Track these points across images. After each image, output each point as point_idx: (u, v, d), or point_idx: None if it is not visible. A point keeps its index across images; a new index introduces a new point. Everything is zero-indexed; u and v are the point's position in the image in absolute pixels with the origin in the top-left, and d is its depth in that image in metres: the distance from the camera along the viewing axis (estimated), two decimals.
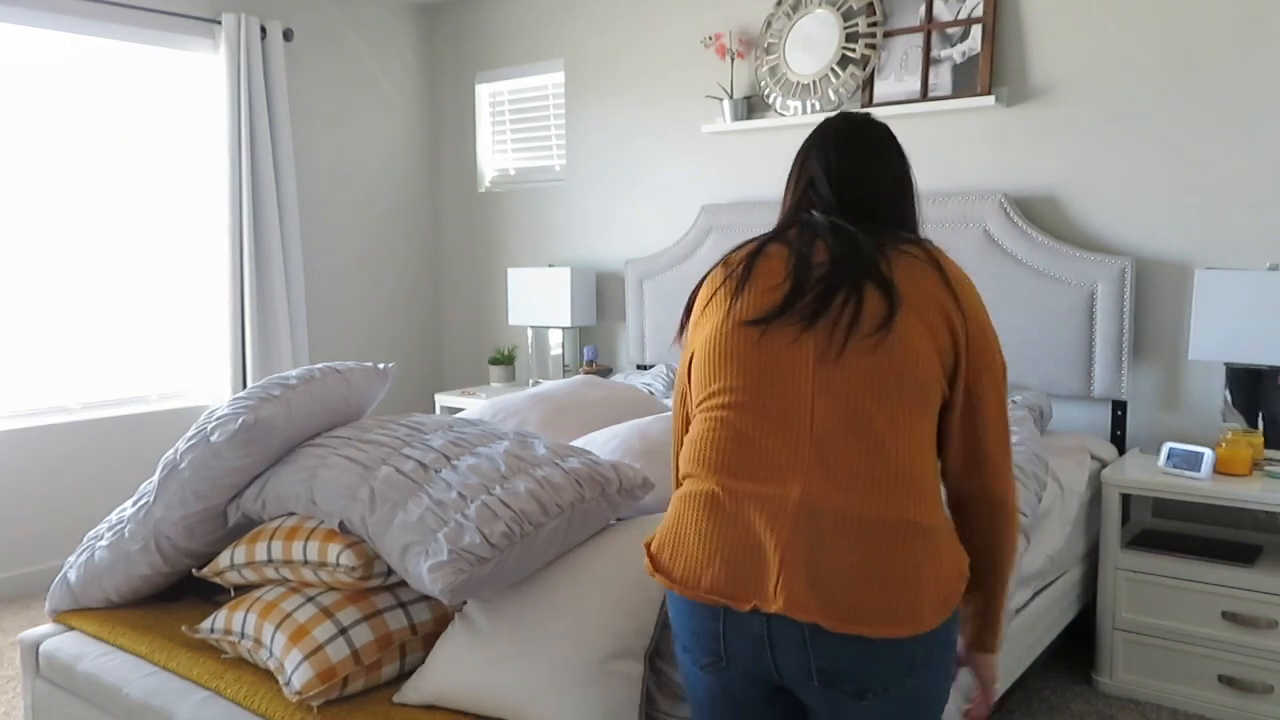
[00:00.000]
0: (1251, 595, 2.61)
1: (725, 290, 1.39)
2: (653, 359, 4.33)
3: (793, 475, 1.27)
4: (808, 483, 1.26)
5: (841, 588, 1.22)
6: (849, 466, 1.25)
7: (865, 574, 1.22)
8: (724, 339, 1.35)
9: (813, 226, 1.40)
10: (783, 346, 1.31)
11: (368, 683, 1.71)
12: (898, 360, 1.28)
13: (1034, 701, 2.79)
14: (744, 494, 1.28)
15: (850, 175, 1.46)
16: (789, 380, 1.30)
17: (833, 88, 3.71)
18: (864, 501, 1.24)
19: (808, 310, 1.31)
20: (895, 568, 1.23)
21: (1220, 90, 3.04)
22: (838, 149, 1.48)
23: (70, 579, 2.15)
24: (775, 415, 1.30)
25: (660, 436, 2.35)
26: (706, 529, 1.30)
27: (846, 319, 1.29)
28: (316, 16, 4.68)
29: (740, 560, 1.26)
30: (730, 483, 1.30)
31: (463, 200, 5.19)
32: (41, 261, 3.88)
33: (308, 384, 1.99)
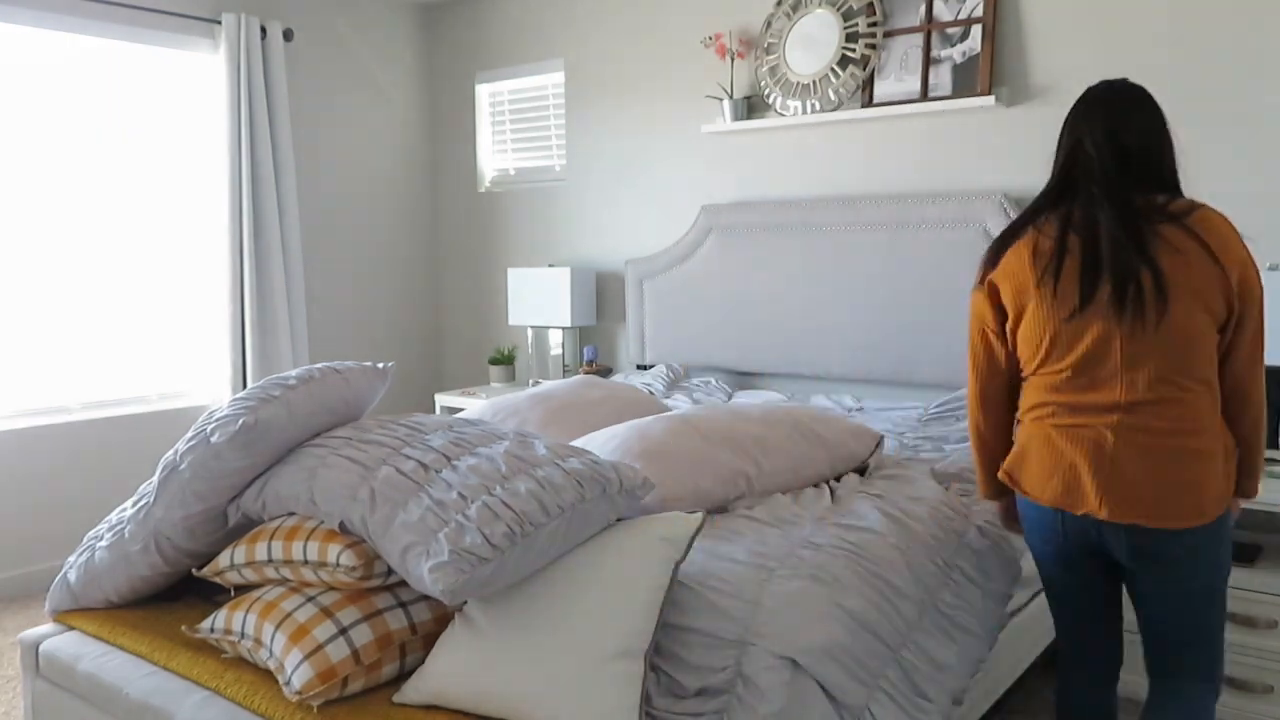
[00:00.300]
0: (1251, 595, 2.61)
1: (1039, 275, 1.81)
2: (653, 359, 4.33)
3: (1108, 419, 1.77)
4: (1119, 425, 1.76)
5: (1149, 499, 1.74)
6: (1150, 412, 1.74)
7: (1165, 489, 1.73)
8: (1049, 326, 1.81)
9: (1091, 205, 1.79)
10: (1093, 328, 1.77)
11: (368, 683, 1.71)
12: (1179, 332, 1.73)
13: (1034, 701, 2.79)
14: (1073, 432, 1.80)
15: (1118, 128, 1.81)
16: (1102, 351, 1.77)
17: (833, 88, 3.71)
18: (1162, 439, 1.73)
19: (1106, 302, 1.75)
20: (1186, 484, 1.73)
21: (1220, 90, 3.04)
22: (1106, 108, 1.83)
23: (70, 579, 2.15)
24: (1093, 376, 1.78)
25: (660, 436, 2.36)
26: (1045, 457, 1.84)
27: (1132, 307, 1.73)
28: (316, 16, 4.68)
29: (1072, 481, 1.80)
30: (1062, 423, 1.82)
31: (463, 200, 5.19)
32: (42, 261, 3.88)
33: (307, 384, 1.99)
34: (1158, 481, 1.73)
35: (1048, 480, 1.83)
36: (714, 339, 4.10)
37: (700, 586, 1.79)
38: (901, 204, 3.58)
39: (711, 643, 1.67)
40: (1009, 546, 2.36)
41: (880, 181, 3.75)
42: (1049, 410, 1.84)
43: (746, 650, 1.64)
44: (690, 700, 1.62)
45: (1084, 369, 1.78)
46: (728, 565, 1.89)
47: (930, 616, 1.98)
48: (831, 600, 1.79)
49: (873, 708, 1.72)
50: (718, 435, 2.40)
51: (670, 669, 1.65)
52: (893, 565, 1.97)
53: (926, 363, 3.54)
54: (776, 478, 2.40)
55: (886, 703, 1.75)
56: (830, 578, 1.86)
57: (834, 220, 3.75)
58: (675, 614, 1.73)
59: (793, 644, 1.65)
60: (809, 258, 3.80)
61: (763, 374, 4.06)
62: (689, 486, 2.25)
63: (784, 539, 2.04)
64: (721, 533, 2.11)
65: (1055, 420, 1.82)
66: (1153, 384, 1.73)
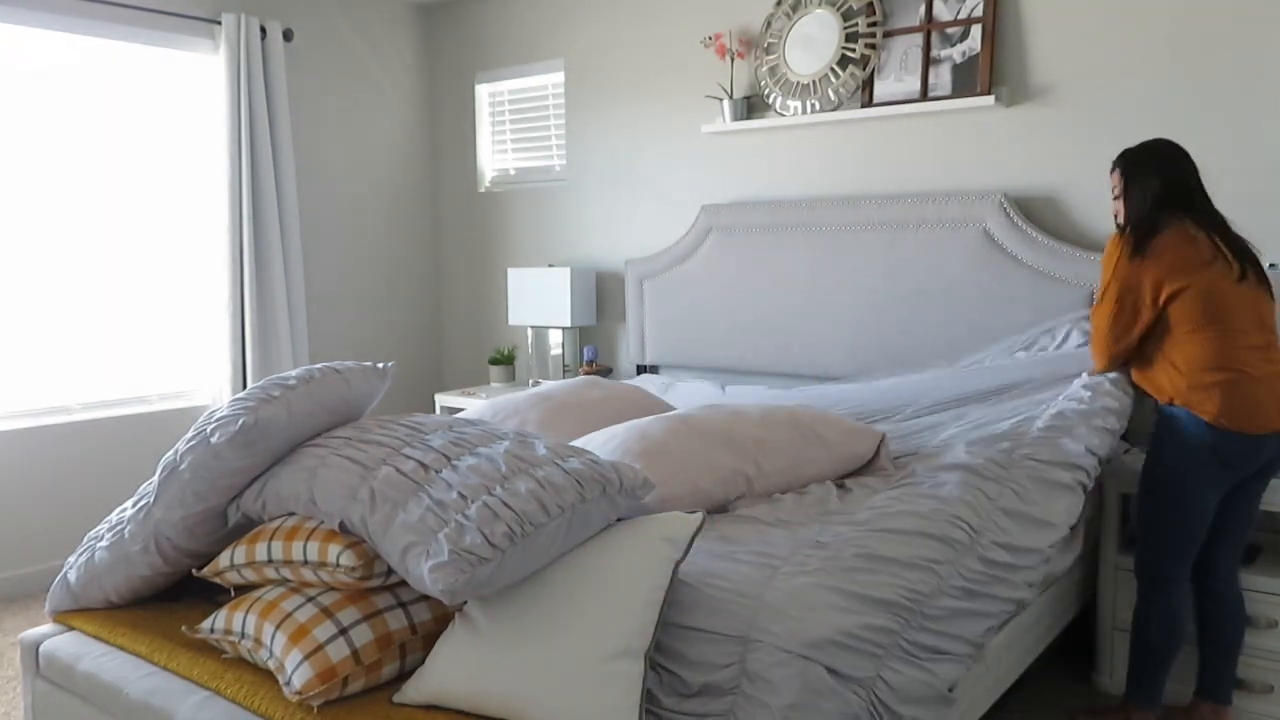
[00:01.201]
0: (1251, 595, 2.61)
1: (1206, 259, 2.39)
2: (653, 359, 4.33)
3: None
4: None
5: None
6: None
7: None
8: (1220, 292, 2.37)
9: (1208, 216, 2.46)
10: (1245, 293, 2.39)
11: (368, 683, 1.71)
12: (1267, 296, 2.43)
13: (1034, 701, 2.79)
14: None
15: (1196, 177, 2.51)
16: (1248, 310, 2.39)
17: (832, 88, 3.71)
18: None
19: (1244, 278, 2.39)
20: None
21: (1220, 90, 3.04)
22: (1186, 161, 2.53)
23: (70, 579, 2.15)
24: (1248, 329, 2.38)
25: (660, 437, 2.36)
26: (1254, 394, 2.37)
27: (1253, 279, 2.41)
28: (316, 16, 4.68)
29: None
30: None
31: (463, 200, 5.19)
32: (42, 262, 3.88)
33: (307, 384, 1.99)
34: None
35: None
36: (714, 339, 4.10)
37: (702, 585, 1.79)
38: (901, 204, 3.58)
39: (714, 639, 1.67)
40: (1028, 540, 2.38)
41: (880, 181, 3.75)
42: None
43: (751, 646, 1.64)
44: (695, 699, 1.62)
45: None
46: (731, 565, 1.89)
47: (956, 579, 1.99)
48: (836, 590, 1.79)
49: (884, 674, 1.72)
50: (717, 436, 2.40)
51: (673, 667, 1.65)
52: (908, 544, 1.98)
53: (927, 362, 3.54)
54: (776, 478, 2.40)
55: (900, 667, 1.76)
56: (837, 570, 1.86)
57: (834, 220, 3.75)
58: (677, 613, 1.73)
59: (800, 638, 1.65)
60: (809, 258, 3.80)
61: (762, 374, 4.06)
62: (689, 486, 2.25)
63: (790, 538, 2.04)
64: (724, 533, 2.11)
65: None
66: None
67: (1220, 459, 2.38)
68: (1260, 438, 2.36)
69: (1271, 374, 2.36)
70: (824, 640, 1.66)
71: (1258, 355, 2.36)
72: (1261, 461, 2.41)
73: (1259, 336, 2.38)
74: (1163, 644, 2.51)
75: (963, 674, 1.92)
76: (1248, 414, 2.33)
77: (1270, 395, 2.35)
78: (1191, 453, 2.40)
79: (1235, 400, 2.33)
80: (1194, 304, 2.37)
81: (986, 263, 3.38)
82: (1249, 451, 2.37)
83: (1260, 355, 2.36)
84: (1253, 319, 2.38)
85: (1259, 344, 2.37)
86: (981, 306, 3.40)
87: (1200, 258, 2.37)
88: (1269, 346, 2.39)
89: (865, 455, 2.59)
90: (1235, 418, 2.34)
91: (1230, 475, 2.42)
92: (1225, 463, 2.39)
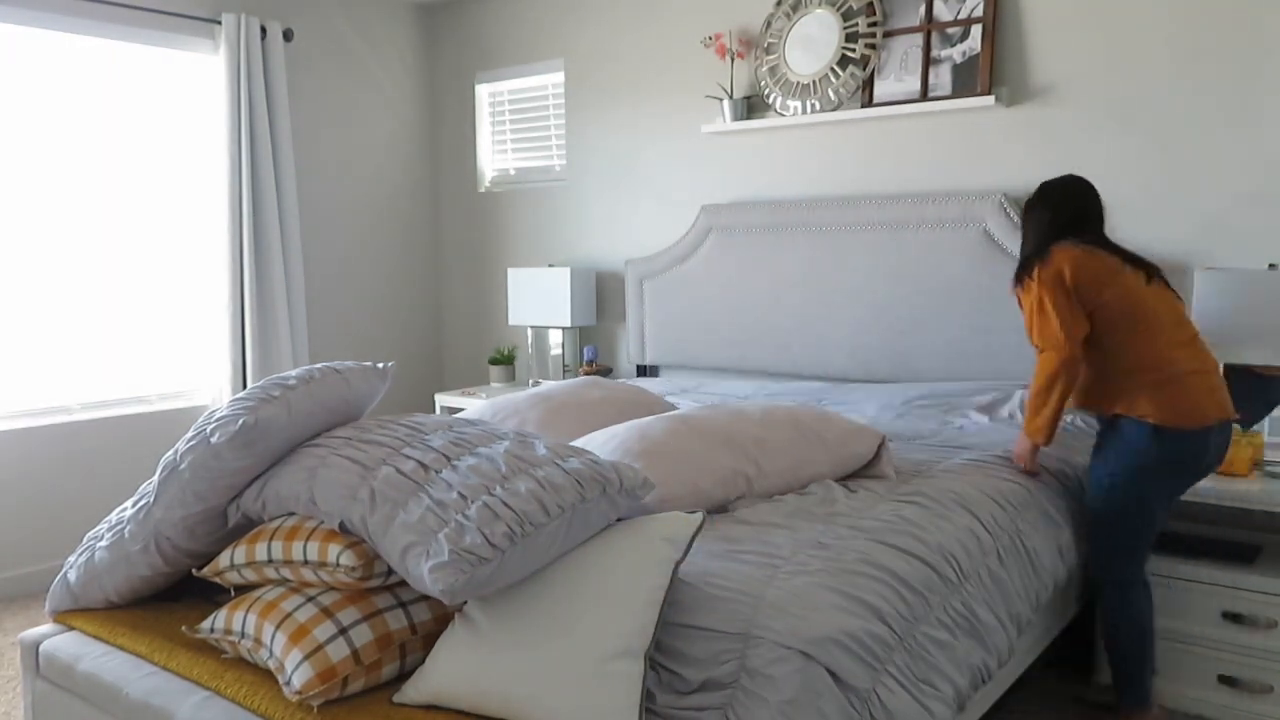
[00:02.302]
0: (1251, 595, 2.61)
1: (1114, 267, 2.47)
2: (653, 359, 4.33)
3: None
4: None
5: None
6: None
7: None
8: (1137, 295, 2.45)
9: (1102, 240, 2.55)
10: (1158, 292, 2.48)
11: (368, 683, 1.71)
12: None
13: (1034, 701, 2.79)
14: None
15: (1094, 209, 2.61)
16: (1166, 308, 2.48)
17: (832, 88, 3.71)
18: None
19: (1152, 280, 2.49)
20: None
21: (1220, 90, 3.04)
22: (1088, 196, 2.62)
23: (70, 579, 2.15)
24: (1171, 327, 2.46)
25: (660, 437, 2.35)
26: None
27: (1159, 281, 2.50)
28: (316, 16, 4.68)
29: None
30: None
31: (463, 200, 5.19)
32: (42, 261, 3.88)
33: (307, 384, 1.99)
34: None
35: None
36: (714, 339, 4.10)
37: (703, 584, 1.79)
38: (901, 204, 3.58)
39: (714, 636, 1.67)
40: (1038, 558, 2.40)
41: (880, 181, 3.75)
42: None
43: (751, 643, 1.64)
44: (694, 695, 1.62)
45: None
46: (731, 564, 1.89)
47: (941, 613, 1.98)
48: (837, 591, 1.79)
49: (879, 691, 1.72)
50: (717, 436, 2.40)
51: (672, 664, 1.65)
52: (906, 562, 1.97)
53: (927, 362, 3.54)
54: (776, 478, 2.40)
55: (895, 687, 1.75)
56: (839, 572, 1.86)
57: (834, 220, 3.75)
58: (677, 611, 1.72)
59: (800, 635, 1.65)
60: (809, 258, 3.80)
61: (763, 374, 4.06)
62: (689, 486, 2.25)
63: (791, 539, 2.04)
64: (724, 533, 2.11)
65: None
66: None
67: (1170, 465, 2.42)
68: (1204, 432, 2.39)
69: (1201, 369, 2.42)
70: (824, 639, 1.66)
71: (1186, 352, 2.42)
72: (1208, 464, 2.45)
73: (1183, 333, 2.44)
74: (1139, 643, 2.54)
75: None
76: (1186, 410, 2.37)
77: (1205, 389, 2.39)
78: (1139, 460, 2.43)
79: (1171, 398, 2.38)
80: (1116, 309, 2.43)
81: (986, 263, 3.38)
82: (1196, 449, 2.40)
83: (1188, 352, 2.42)
84: (1172, 316, 2.45)
85: (1185, 340, 2.43)
86: (981, 306, 3.40)
87: (1107, 266, 2.45)
88: (1194, 341, 2.45)
89: (866, 456, 2.59)
90: (1175, 415, 2.38)
91: (1184, 480, 2.46)
92: (1176, 468, 2.43)
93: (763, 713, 1.55)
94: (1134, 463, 2.44)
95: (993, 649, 2.09)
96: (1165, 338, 2.42)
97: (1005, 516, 2.39)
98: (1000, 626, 2.14)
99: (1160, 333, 2.42)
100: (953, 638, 1.97)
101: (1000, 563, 2.27)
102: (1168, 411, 2.38)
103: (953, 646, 1.95)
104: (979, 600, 2.11)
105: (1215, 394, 2.42)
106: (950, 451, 2.83)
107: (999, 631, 2.13)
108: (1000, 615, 2.16)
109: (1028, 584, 2.33)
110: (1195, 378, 2.40)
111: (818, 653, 1.64)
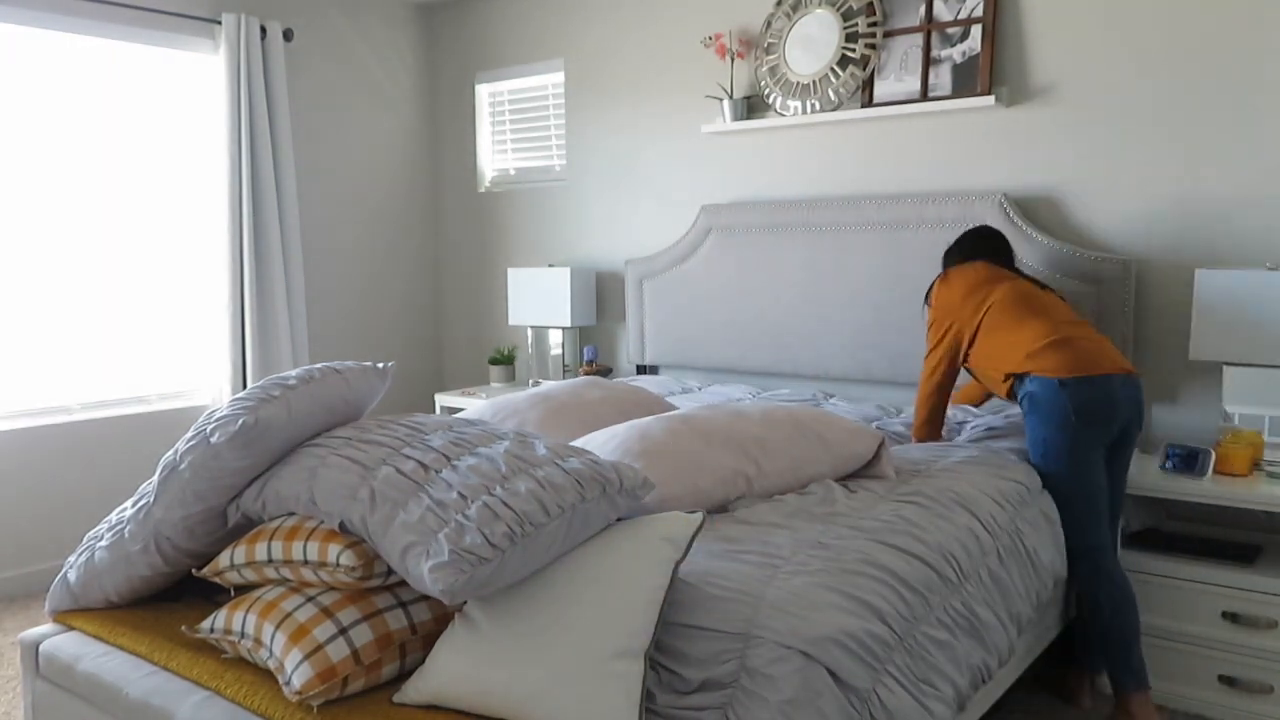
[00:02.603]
0: (1251, 595, 2.61)
1: (1002, 276, 2.83)
2: (653, 359, 4.33)
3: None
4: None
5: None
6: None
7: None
8: (1027, 291, 2.78)
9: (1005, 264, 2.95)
10: (1049, 295, 2.82)
11: (368, 683, 1.71)
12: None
13: (1034, 701, 2.79)
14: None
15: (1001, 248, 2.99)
16: (1056, 303, 2.80)
17: (833, 88, 3.71)
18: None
19: (1044, 288, 2.84)
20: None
21: (1220, 89, 3.04)
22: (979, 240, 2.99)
23: (70, 579, 2.15)
24: (1063, 315, 2.75)
25: (660, 437, 2.35)
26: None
27: (1053, 292, 2.85)
28: (316, 17, 4.68)
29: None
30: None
31: (463, 200, 5.20)
32: (42, 261, 3.88)
33: (307, 384, 1.99)
34: None
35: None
36: (714, 339, 4.10)
37: (703, 584, 1.79)
38: (901, 204, 3.58)
39: (714, 636, 1.67)
40: (1038, 557, 2.40)
41: (880, 181, 3.76)
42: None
43: (751, 643, 1.64)
44: (694, 695, 1.62)
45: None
46: (731, 564, 1.89)
47: (941, 613, 1.98)
48: (837, 591, 1.79)
49: (880, 691, 1.72)
50: (718, 436, 2.40)
51: (672, 664, 1.65)
52: (906, 562, 1.97)
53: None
54: (776, 478, 2.40)
55: (895, 687, 1.75)
56: (838, 571, 1.86)
57: (834, 220, 3.75)
58: (677, 611, 1.72)
59: (800, 635, 1.65)
60: (809, 258, 3.80)
61: (763, 374, 4.06)
62: (689, 486, 2.25)
63: (791, 539, 2.04)
64: (724, 533, 2.11)
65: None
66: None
67: (1082, 417, 2.57)
68: (1107, 380, 2.56)
69: (1089, 335, 2.66)
70: (825, 638, 1.66)
71: (1076, 328, 2.67)
72: (1120, 412, 2.59)
73: (1074, 318, 2.72)
74: (1123, 614, 2.58)
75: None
76: (1083, 360, 2.58)
77: (1095, 347, 2.62)
78: (1056, 416, 2.59)
79: (1068, 353, 2.59)
80: (1007, 301, 2.73)
81: None
82: (1103, 397, 2.56)
83: (1078, 329, 2.67)
84: (1063, 310, 2.75)
85: (1076, 321, 2.71)
86: None
87: (995, 276, 2.82)
88: (1085, 325, 2.72)
89: (865, 456, 2.58)
90: (1075, 365, 2.57)
91: (1099, 431, 2.59)
92: (1088, 419, 2.57)
93: (763, 712, 1.56)
94: (1054, 419, 2.59)
95: (993, 649, 2.09)
96: (1058, 319, 2.68)
97: (1005, 516, 2.39)
98: (1000, 626, 2.15)
99: (1053, 318, 2.68)
100: (953, 637, 1.97)
101: (1000, 562, 2.27)
102: (1069, 364, 2.57)
103: (953, 646, 1.95)
104: (979, 600, 2.11)
105: (1108, 350, 2.63)
106: (950, 450, 2.83)
107: (999, 631, 2.13)
108: (1000, 615, 2.16)
109: (1028, 583, 2.33)
110: (1088, 341, 2.63)
111: (818, 653, 1.64)
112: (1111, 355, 2.62)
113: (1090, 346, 2.61)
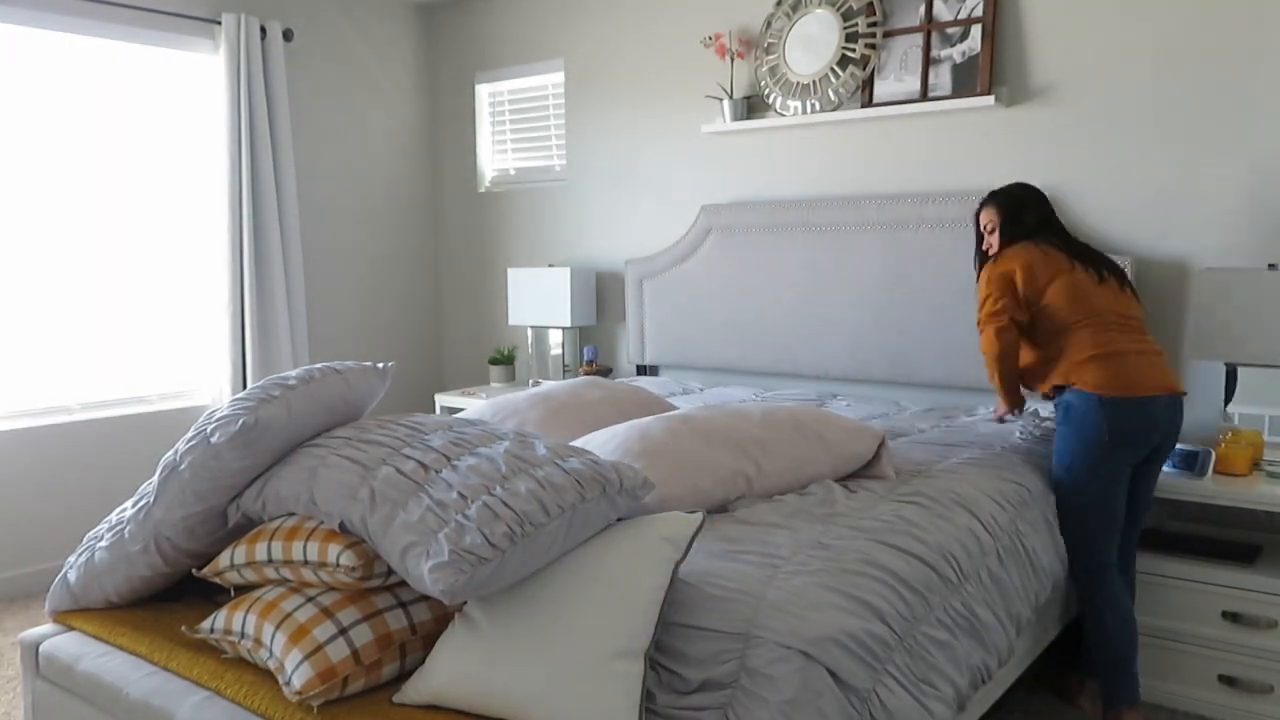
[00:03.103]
0: (1251, 595, 2.61)
1: (1065, 266, 2.67)
2: (653, 359, 4.33)
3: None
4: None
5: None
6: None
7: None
8: (1083, 289, 2.64)
9: (1064, 240, 2.76)
10: (1107, 291, 2.66)
11: (368, 683, 1.71)
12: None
13: (1034, 701, 2.79)
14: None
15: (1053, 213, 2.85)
16: (1111, 304, 2.65)
17: (832, 88, 3.71)
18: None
19: (1104, 280, 2.67)
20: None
21: (1220, 90, 3.04)
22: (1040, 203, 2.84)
23: (70, 579, 2.15)
24: (1116, 320, 2.63)
25: (660, 437, 2.35)
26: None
27: (1114, 281, 2.69)
28: (316, 17, 4.68)
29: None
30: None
31: (463, 200, 5.20)
32: (41, 261, 3.88)
33: (307, 384, 1.99)
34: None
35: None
36: (714, 339, 4.10)
37: (703, 584, 1.79)
38: (901, 204, 3.58)
39: (714, 636, 1.67)
40: (1038, 558, 2.40)
41: (880, 181, 3.76)
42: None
43: (751, 643, 1.64)
44: (694, 695, 1.62)
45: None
46: (731, 564, 1.89)
47: (941, 613, 1.98)
48: (837, 591, 1.79)
49: (879, 691, 1.72)
50: (718, 436, 2.40)
51: (672, 664, 1.65)
52: (906, 562, 1.97)
53: (926, 362, 3.54)
54: (777, 478, 2.40)
55: (894, 687, 1.75)
56: (838, 571, 1.86)
57: (834, 220, 3.75)
58: (677, 611, 1.72)
59: (800, 635, 1.65)
60: (809, 258, 3.80)
61: (762, 374, 4.06)
62: (689, 486, 2.24)
63: (791, 539, 2.04)
64: (724, 533, 2.11)
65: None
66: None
67: (1116, 438, 2.51)
68: (1146, 401, 2.50)
69: (1142, 350, 2.57)
70: (825, 638, 1.66)
71: (1126, 337, 2.58)
72: (1156, 434, 2.54)
73: (1127, 323, 2.61)
74: (1125, 632, 2.56)
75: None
76: (1127, 379, 2.51)
77: (1145, 364, 2.54)
78: (1089, 433, 2.53)
79: (1112, 369, 2.52)
80: (1061, 299, 2.61)
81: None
82: (1140, 418, 2.51)
83: (1129, 337, 2.59)
84: (1116, 311, 2.62)
85: (1127, 328, 2.61)
86: None
87: (1058, 264, 2.65)
88: (1139, 331, 2.63)
89: (865, 455, 2.58)
90: (1117, 384, 2.50)
91: (1130, 452, 2.54)
92: (1122, 439, 2.51)
93: (763, 713, 1.56)
94: (1086, 435, 2.54)
95: (993, 649, 2.09)
96: (1109, 326, 2.59)
97: (1005, 516, 2.39)
98: (1000, 626, 2.15)
99: (1105, 323, 2.59)
100: (953, 638, 1.97)
101: (1000, 563, 2.27)
102: (1111, 383, 2.51)
103: (953, 646, 1.95)
104: (979, 600, 2.11)
105: (1157, 369, 2.55)
106: (951, 450, 2.83)
107: (999, 631, 2.13)
108: (1000, 615, 2.16)
109: (1027, 584, 2.33)
110: (1136, 356, 2.55)
111: (818, 653, 1.64)
112: (1158, 374, 2.54)
113: (1139, 363, 2.54)
